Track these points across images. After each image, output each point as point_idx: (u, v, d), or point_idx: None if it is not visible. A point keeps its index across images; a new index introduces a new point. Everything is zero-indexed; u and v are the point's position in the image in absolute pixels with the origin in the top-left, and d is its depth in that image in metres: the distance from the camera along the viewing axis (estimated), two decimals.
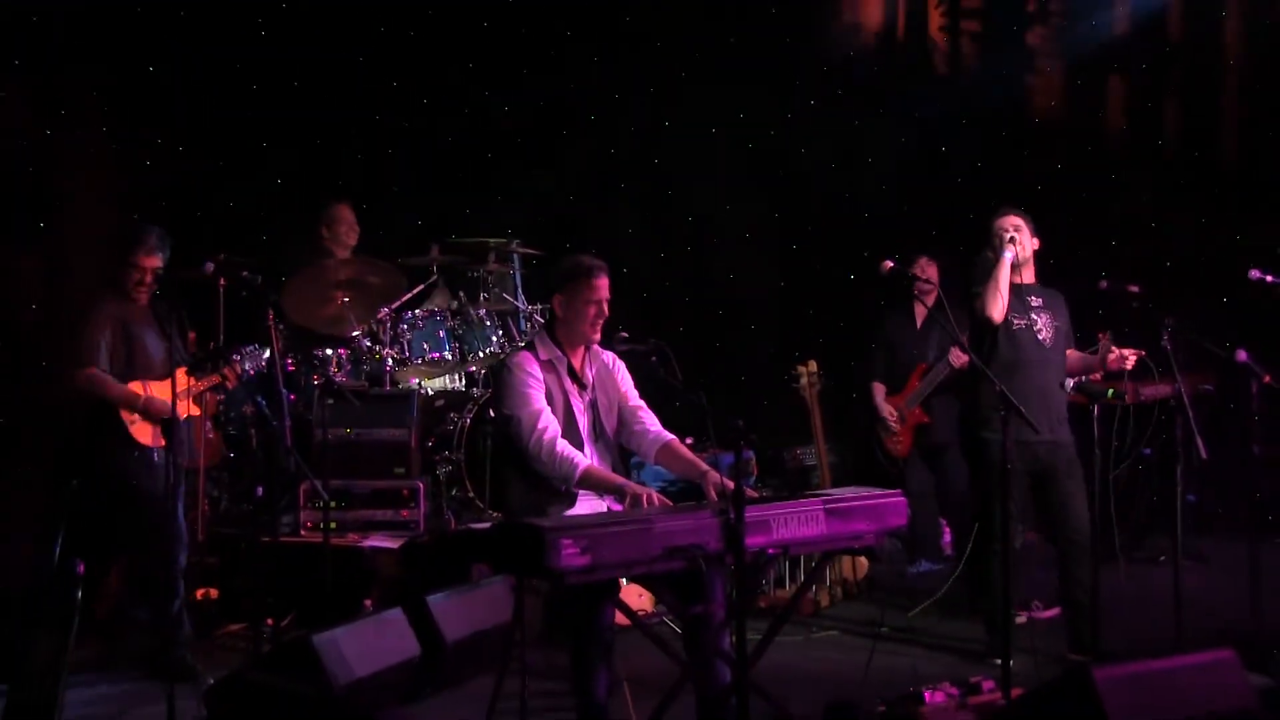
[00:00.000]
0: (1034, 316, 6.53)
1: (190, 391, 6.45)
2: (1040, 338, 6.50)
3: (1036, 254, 6.64)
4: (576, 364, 5.47)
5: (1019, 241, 6.47)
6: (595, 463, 5.37)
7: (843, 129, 10.53)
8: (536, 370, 5.34)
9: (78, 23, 7.30)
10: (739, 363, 10.58)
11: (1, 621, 6.36)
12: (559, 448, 5.19)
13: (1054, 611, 7.04)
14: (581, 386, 5.45)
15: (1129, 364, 6.52)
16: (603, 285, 5.38)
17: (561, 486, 5.24)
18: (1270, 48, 9.86)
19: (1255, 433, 6.92)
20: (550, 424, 5.25)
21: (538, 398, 5.28)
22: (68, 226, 7.13)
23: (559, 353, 5.43)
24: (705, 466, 5.33)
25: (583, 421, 5.43)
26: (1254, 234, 9.65)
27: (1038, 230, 6.62)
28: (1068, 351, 6.68)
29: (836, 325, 10.54)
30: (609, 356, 5.60)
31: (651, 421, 5.57)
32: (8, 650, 5.86)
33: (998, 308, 6.38)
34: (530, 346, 5.51)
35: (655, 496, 5.07)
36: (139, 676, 6.29)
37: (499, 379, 5.48)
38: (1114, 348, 6.51)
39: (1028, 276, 6.60)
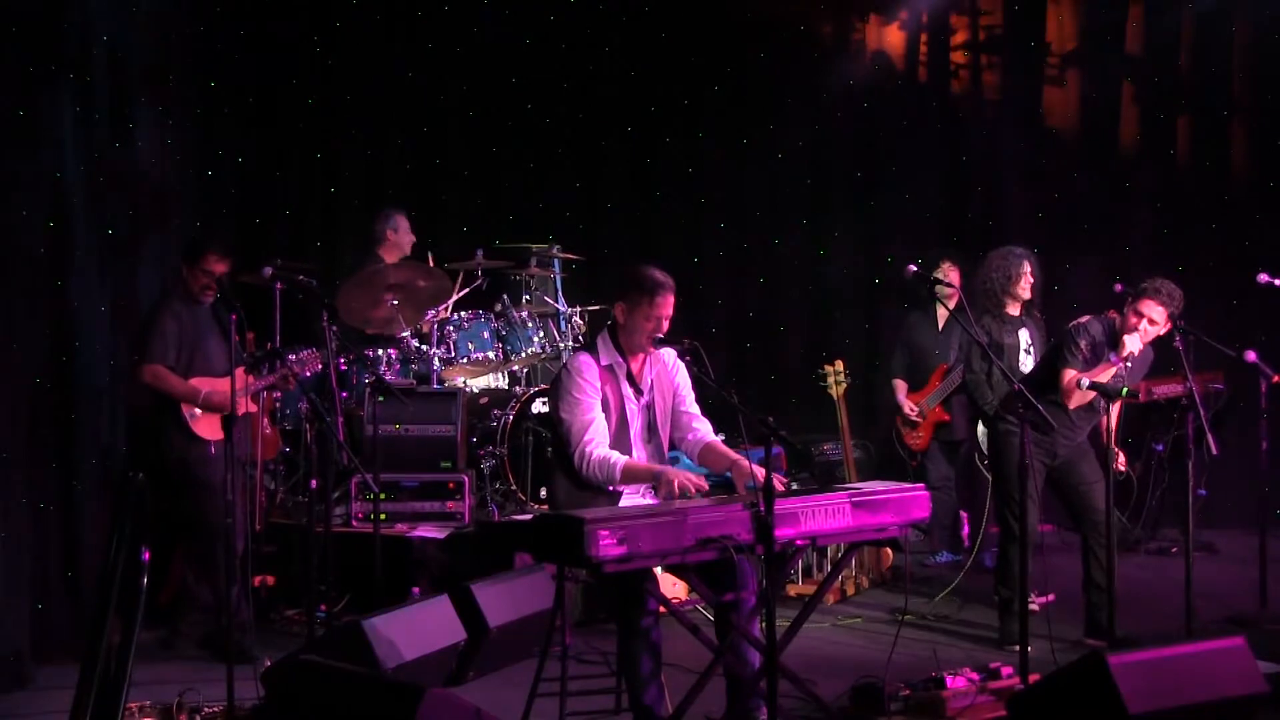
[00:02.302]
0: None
1: (249, 390, 6.61)
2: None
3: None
4: (635, 369, 5.47)
5: (1143, 339, 6.40)
6: (645, 462, 5.43)
7: (868, 139, 10.66)
8: (595, 377, 5.35)
9: (146, 35, 7.54)
10: (769, 362, 10.67)
11: (76, 605, 6.71)
12: (598, 456, 5.24)
13: (1048, 598, 7.10)
14: (638, 392, 5.47)
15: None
16: (666, 303, 5.34)
17: (607, 488, 5.31)
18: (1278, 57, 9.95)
19: (1264, 430, 7.11)
20: (596, 436, 5.28)
21: (591, 406, 5.31)
22: (134, 231, 7.35)
23: (619, 358, 5.43)
24: (736, 456, 5.38)
25: (636, 425, 5.46)
26: (1263, 240, 9.74)
27: (1052, 240, 6.77)
28: None
29: (862, 327, 10.63)
30: (670, 356, 5.58)
31: (703, 429, 5.60)
32: (82, 631, 6.21)
33: (1074, 403, 6.41)
34: (592, 348, 5.51)
35: (689, 478, 5.16)
36: (201, 657, 6.48)
37: (557, 379, 5.48)
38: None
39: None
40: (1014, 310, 7.15)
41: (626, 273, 5.49)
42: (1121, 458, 6.68)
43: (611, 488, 5.31)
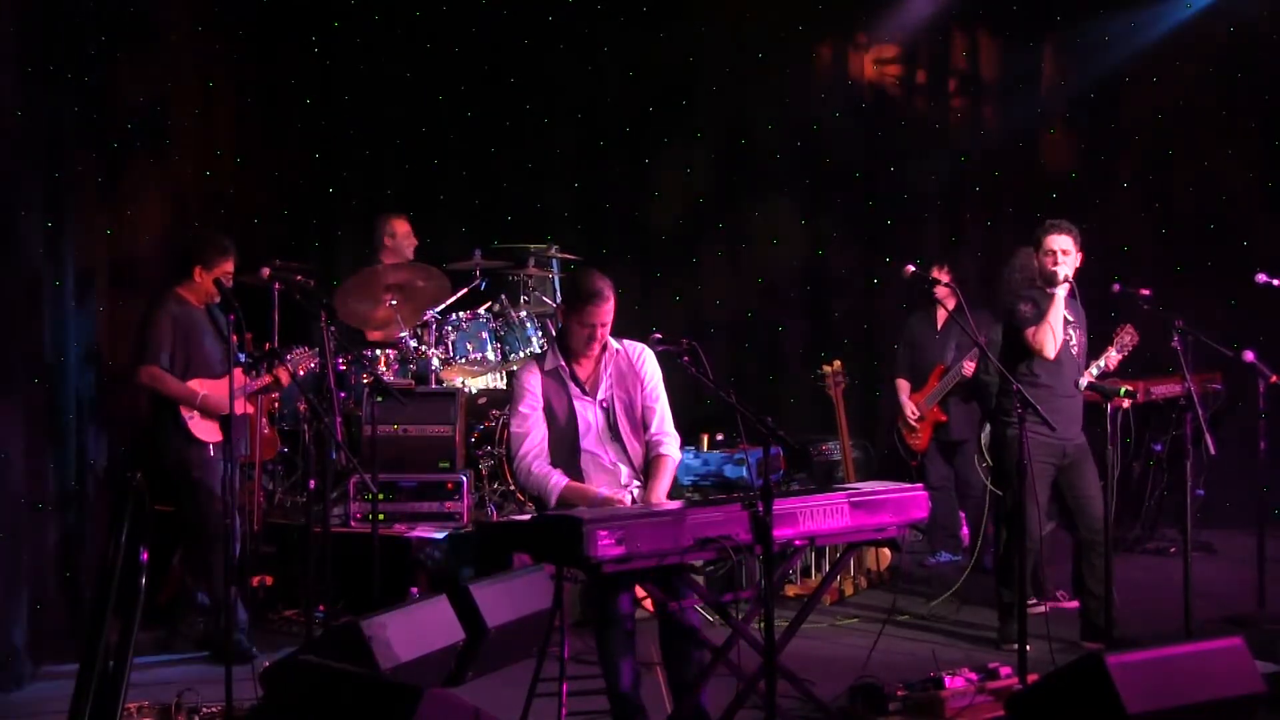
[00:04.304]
0: (1070, 331, 6.63)
1: (245, 390, 6.64)
2: (1074, 351, 6.64)
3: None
4: (585, 371, 5.52)
5: (1068, 267, 6.52)
6: (610, 461, 5.50)
7: (866, 139, 10.66)
8: (536, 384, 5.46)
9: (145, 35, 7.56)
10: (769, 362, 10.67)
11: (75, 605, 6.72)
12: (536, 471, 5.38)
13: (1077, 604, 7.10)
14: (585, 392, 5.51)
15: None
16: (599, 312, 5.37)
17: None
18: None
19: (1262, 430, 7.11)
20: (532, 449, 5.41)
21: (530, 415, 5.44)
22: (132, 232, 7.37)
23: (563, 361, 5.50)
24: (647, 497, 5.45)
25: (593, 426, 5.51)
26: (1262, 240, 9.77)
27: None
28: None
29: (860, 327, 10.64)
30: (636, 352, 5.60)
31: (660, 435, 5.60)
32: (80, 631, 6.22)
33: (1051, 345, 6.47)
34: (540, 356, 5.66)
35: (628, 502, 5.25)
36: (199, 658, 6.51)
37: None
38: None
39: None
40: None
41: (569, 277, 5.55)
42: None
43: (549, 507, 5.38)
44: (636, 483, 5.57)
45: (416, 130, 10.01)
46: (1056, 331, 6.47)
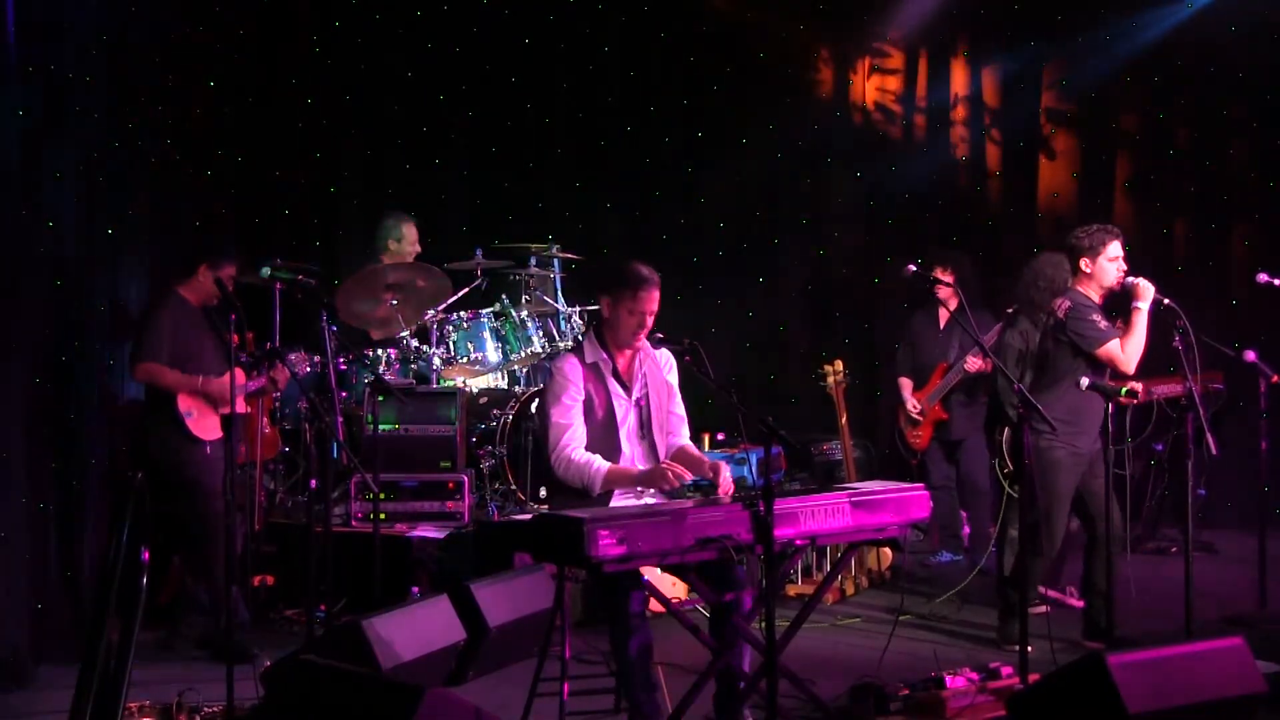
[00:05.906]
0: None
1: (244, 389, 6.65)
2: None
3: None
4: (622, 366, 5.51)
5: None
6: (640, 462, 5.49)
7: (867, 138, 10.71)
8: (577, 376, 5.41)
9: (146, 35, 7.55)
10: (769, 362, 10.69)
11: (76, 605, 6.72)
12: (576, 459, 5.31)
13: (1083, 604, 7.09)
14: (625, 388, 5.51)
15: None
16: (649, 298, 5.38)
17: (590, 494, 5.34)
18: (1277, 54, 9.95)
19: (1263, 430, 7.11)
20: (573, 440, 5.35)
21: (572, 407, 5.38)
22: (134, 231, 7.37)
23: (604, 355, 5.48)
24: (711, 463, 5.47)
25: (628, 422, 5.50)
26: (1262, 240, 9.80)
27: (1051, 240, 6.73)
28: None
29: (861, 326, 10.68)
30: (663, 355, 5.63)
31: (682, 434, 5.66)
32: (81, 631, 6.21)
33: (1136, 359, 6.40)
34: (578, 348, 5.58)
35: (677, 469, 5.22)
36: (200, 658, 6.49)
37: (546, 379, 5.55)
38: None
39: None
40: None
41: (612, 267, 5.55)
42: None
43: (594, 493, 5.34)
44: None
45: (417, 130, 10.01)
46: (1140, 345, 6.40)
